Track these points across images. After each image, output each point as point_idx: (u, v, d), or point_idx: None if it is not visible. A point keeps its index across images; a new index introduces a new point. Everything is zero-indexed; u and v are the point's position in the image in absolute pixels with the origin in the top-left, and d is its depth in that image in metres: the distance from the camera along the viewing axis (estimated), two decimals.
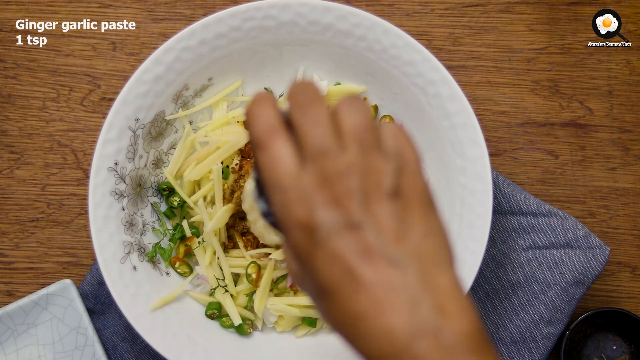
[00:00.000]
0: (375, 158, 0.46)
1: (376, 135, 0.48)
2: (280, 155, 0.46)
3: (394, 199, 0.46)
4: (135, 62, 1.03)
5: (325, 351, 0.92)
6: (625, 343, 0.98)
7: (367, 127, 0.47)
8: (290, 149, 0.47)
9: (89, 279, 0.97)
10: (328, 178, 0.45)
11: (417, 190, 0.47)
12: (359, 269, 0.43)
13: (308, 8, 0.89)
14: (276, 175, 0.46)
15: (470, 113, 0.88)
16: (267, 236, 0.87)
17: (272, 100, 0.49)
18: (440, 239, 0.47)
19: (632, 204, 1.02)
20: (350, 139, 0.47)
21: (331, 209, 0.44)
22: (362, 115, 0.48)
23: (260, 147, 0.47)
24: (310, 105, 0.47)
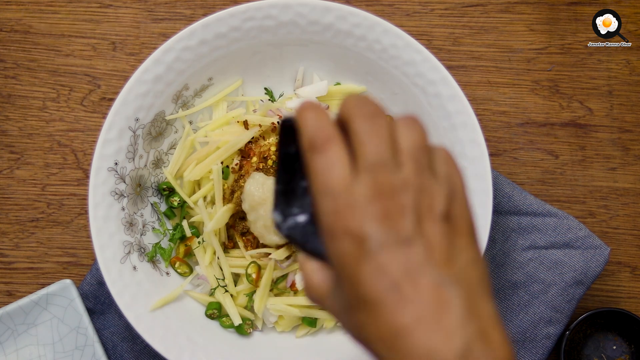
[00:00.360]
0: (429, 180, 0.47)
1: (430, 156, 0.49)
2: (336, 161, 0.47)
3: (445, 223, 0.46)
4: (135, 62, 1.03)
5: (325, 351, 0.92)
6: (625, 343, 0.98)
7: (423, 148, 0.48)
8: (346, 157, 0.47)
9: (89, 279, 0.97)
10: (383, 191, 0.45)
11: (466, 218, 0.48)
12: (406, 285, 0.43)
13: (308, 8, 0.89)
14: (330, 180, 0.46)
15: (470, 113, 0.88)
16: (267, 236, 0.87)
17: (324, 108, 0.49)
18: (483, 269, 0.47)
19: (632, 204, 1.02)
20: (407, 156, 0.47)
21: (384, 223, 0.44)
22: (420, 135, 0.48)
23: (315, 150, 0.48)
24: (374, 117, 0.48)
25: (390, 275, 0.43)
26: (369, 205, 0.45)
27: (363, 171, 0.46)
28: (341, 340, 0.93)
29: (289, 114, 0.49)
